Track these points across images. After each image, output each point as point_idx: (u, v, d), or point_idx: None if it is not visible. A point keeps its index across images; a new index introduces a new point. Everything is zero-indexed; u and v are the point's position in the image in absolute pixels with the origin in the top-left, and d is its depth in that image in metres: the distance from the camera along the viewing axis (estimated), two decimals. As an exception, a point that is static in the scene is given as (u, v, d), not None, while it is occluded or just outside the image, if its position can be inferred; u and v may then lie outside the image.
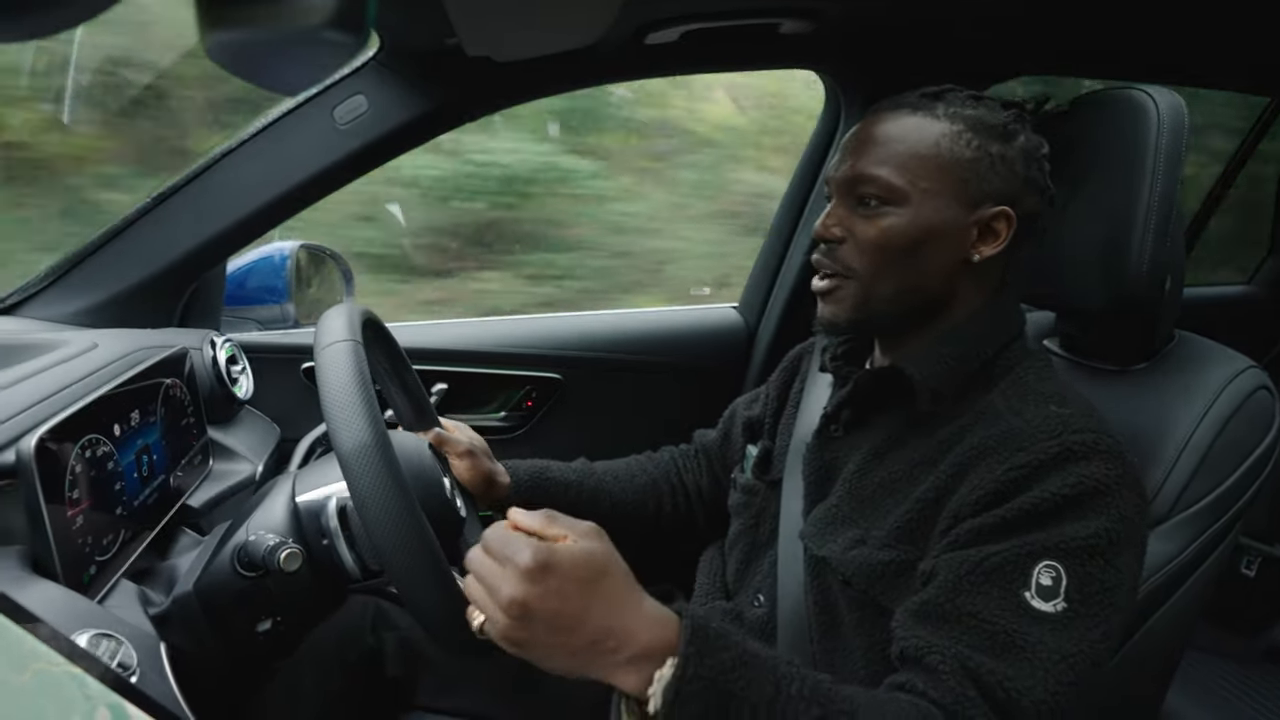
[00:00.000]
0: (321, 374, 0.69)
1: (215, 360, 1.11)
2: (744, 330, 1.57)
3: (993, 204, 0.76)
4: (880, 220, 0.76)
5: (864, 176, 0.77)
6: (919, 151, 0.75)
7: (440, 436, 0.97)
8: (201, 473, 1.01)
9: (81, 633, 0.62)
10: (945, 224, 0.75)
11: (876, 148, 0.77)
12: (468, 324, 1.56)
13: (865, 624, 0.75)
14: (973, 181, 0.75)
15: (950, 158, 0.75)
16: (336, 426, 0.65)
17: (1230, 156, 1.96)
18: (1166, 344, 0.93)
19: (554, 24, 0.96)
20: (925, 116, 0.76)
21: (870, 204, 0.77)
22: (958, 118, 0.76)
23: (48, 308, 1.13)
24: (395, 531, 0.63)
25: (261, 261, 1.36)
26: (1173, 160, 0.81)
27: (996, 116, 0.76)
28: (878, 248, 0.76)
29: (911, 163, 0.75)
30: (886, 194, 0.76)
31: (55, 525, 0.67)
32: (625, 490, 1.08)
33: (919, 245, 0.76)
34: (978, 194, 0.75)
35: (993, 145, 0.75)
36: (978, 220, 0.76)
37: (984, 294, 0.80)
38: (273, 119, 1.13)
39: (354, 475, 0.64)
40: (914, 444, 0.77)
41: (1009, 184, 0.76)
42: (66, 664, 0.34)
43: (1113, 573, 0.65)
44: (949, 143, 0.75)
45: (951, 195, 0.75)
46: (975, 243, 0.76)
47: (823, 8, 1.09)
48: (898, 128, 0.77)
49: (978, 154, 0.75)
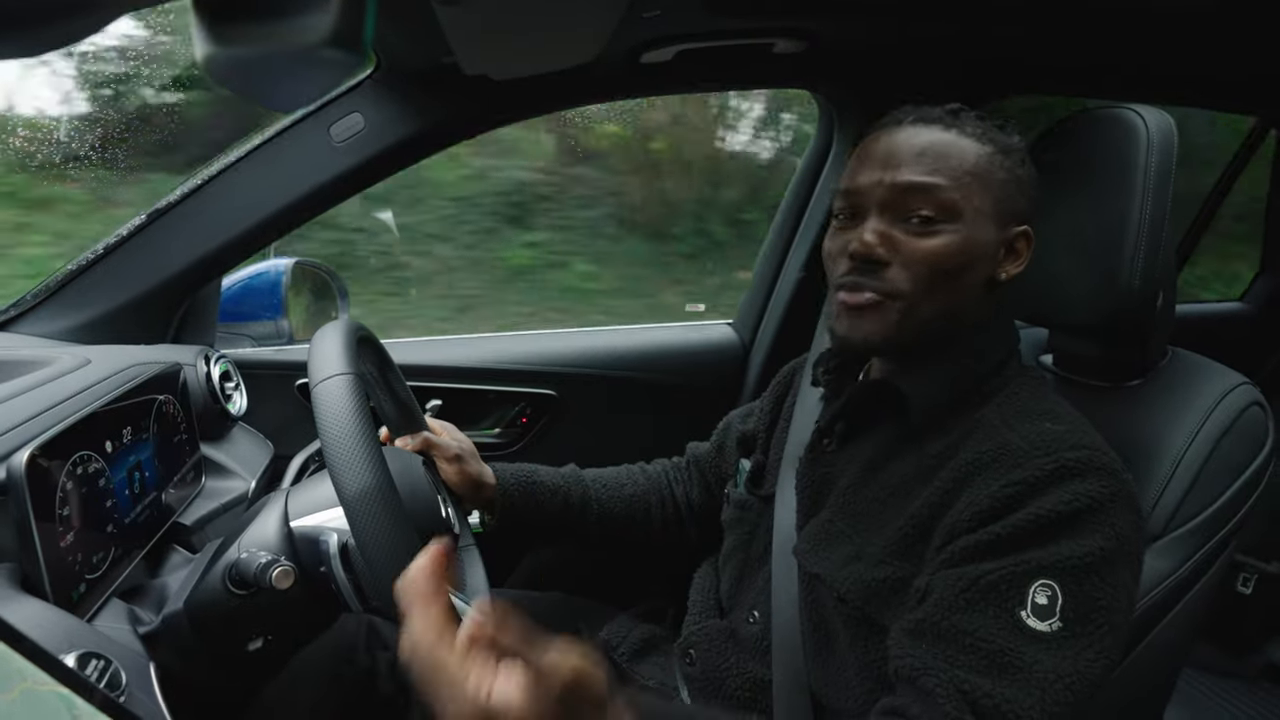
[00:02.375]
0: (320, 411, 0.68)
1: (209, 376, 1.10)
2: (739, 347, 1.57)
3: (1017, 224, 0.77)
4: (933, 238, 0.73)
5: (918, 186, 0.73)
6: (966, 168, 0.74)
7: (428, 440, 0.96)
8: (194, 490, 1.00)
9: (70, 652, 0.61)
10: (985, 244, 0.75)
11: (926, 159, 0.73)
12: (463, 341, 1.56)
13: (860, 641, 0.75)
14: (1004, 202, 0.76)
15: (989, 177, 0.75)
16: (339, 470, 0.64)
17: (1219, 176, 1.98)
18: (1159, 360, 0.93)
19: (549, 43, 0.97)
20: (959, 135, 0.75)
21: (917, 220, 0.73)
22: (987, 139, 0.76)
23: (41, 324, 1.13)
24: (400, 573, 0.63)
25: (256, 278, 1.36)
26: (1163, 178, 0.82)
27: (1013, 140, 0.78)
28: (930, 267, 0.73)
29: (963, 178, 0.74)
30: (940, 209, 0.73)
31: (45, 543, 0.66)
32: (614, 499, 1.08)
33: (966, 264, 0.74)
34: (1006, 214, 0.76)
35: (1018, 168, 0.77)
36: (1005, 240, 0.77)
37: (988, 312, 0.80)
38: (269, 136, 1.13)
39: (358, 520, 0.64)
40: (907, 458, 0.77)
41: (1027, 205, 0.77)
42: (54, 683, 0.34)
43: (1109, 591, 0.65)
44: (985, 162, 0.75)
45: (990, 214, 0.75)
46: (1002, 262, 0.77)
47: (817, 28, 1.10)
48: (940, 141, 0.74)
49: (1008, 175, 0.76)
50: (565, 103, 1.27)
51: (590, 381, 1.47)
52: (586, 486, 1.07)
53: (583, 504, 1.06)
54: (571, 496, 1.05)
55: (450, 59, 1.01)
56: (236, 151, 1.14)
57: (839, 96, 1.35)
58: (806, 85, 1.36)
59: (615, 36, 0.96)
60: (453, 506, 0.92)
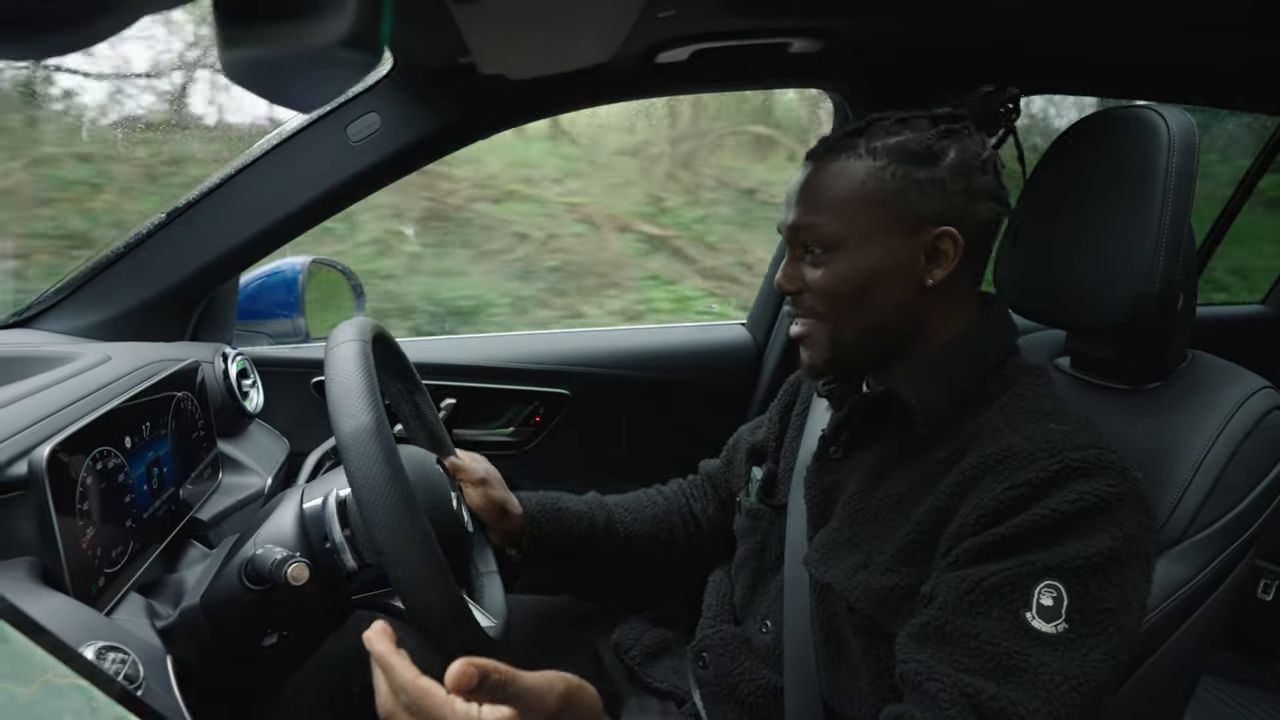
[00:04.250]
0: (329, 369, 0.69)
1: (226, 374, 1.11)
2: (752, 347, 1.57)
3: (933, 227, 0.75)
4: (826, 268, 0.77)
5: (800, 226, 0.78)
6: (846, 195, 0.76)
7: (455, 465, 0.97)
8: (211, 486, 1.02)
9: (89, 645, 0.62)
10: (888, 260, 0.75)
11: (808, 198, 0.78)
12: (476, 339, 1.56)
13: (871, 650, 0.74)
14: (905, 210, 0.75)
15: (878, 194, 0.75)
16: (337, 411, 0.65)
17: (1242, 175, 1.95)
18: (1179, 363, 0.92)
19: (566, 43, 0.97)
20: (849, 157, 0.76)
21: (815, 252, 0.78)
22: (879, 151, 0.75)
23: (62, 321, 1.14)
24: (389, 517, 0.63)
25: (274, 276, 1.37)
26: (1184, 180, 0.81)
27: (920, 140, 0.75)
28: (830, 294, 0.77)
29: (842, 207, 0.76)
30: (825, 242, 0.77)
31: (65, 537, 0.67)
32: (637, 521, 1.08)
33: (868, 285, 0.76)
34: (915, 221, 0.75)
35: (918, 171, 0.75)
36: (921, 246, 0.75)
37: (960, 312, 0.79)
38: (287, 135, 1.14)
39: (351, 459, 0.64)
40: (913, 464, 0.76)
41: (944, 203, 0.75)
42: (73, 676, 0.34)
43: (1115, 591, 0.64)
44: (873, 179, 0.75)
45: (887, 230, 0.75)
46: (926, 268, 0.76)
47: (832, 27, 1.10)
48: (826, 174, 0.78)
49: (903, 183, 0.74)
50: (581, 102, 1.27)
51: (604, 381, 1.47)
52: (610, 511, 1.07)
53: (609, 528, 1.05)
54: (597, 521, 1.04)
55: (466, 59, 1.01)
56: (255, 151, 1.15)
57: (855, 95, 1.34)
58: (822, 84, 1.35)
59: (631, 36, 0.96)
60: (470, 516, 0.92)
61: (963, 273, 0.77)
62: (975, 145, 0.76)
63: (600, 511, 1.06)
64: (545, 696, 0.52)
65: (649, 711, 0.97)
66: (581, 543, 1.03)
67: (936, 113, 0.78)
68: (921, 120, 0.77)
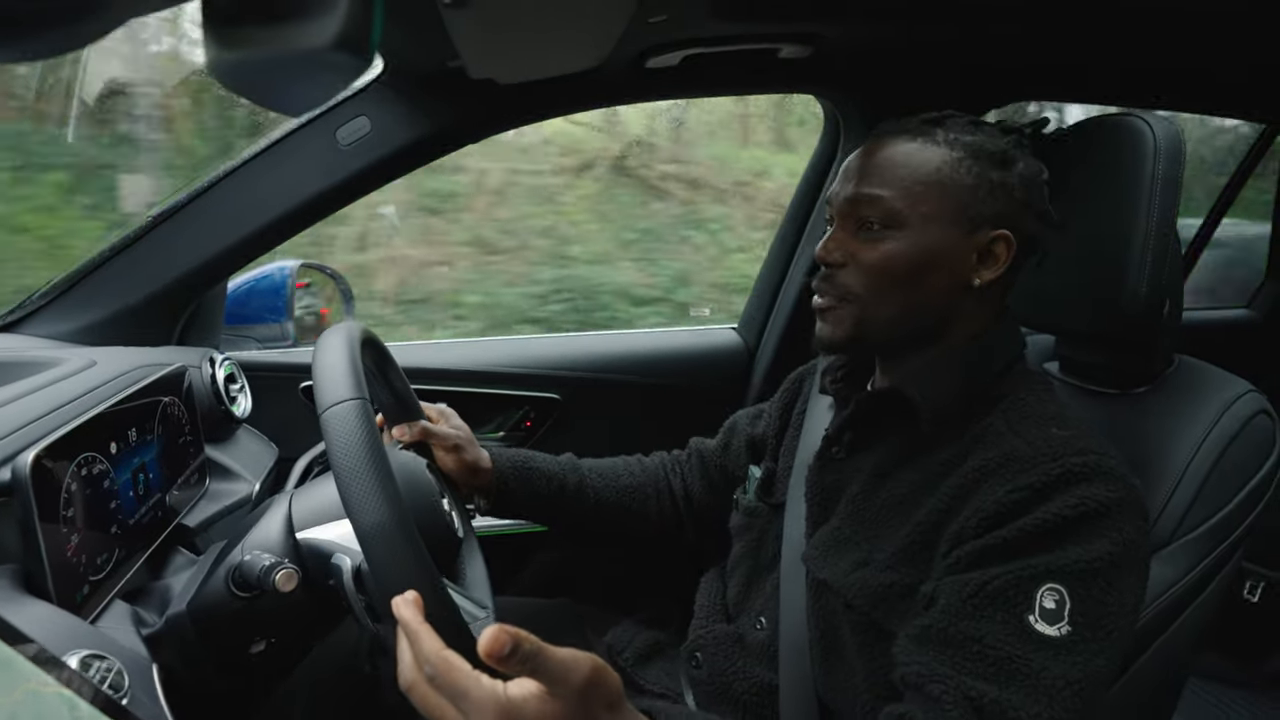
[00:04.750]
0: (331, 440, 0.67)
1: (214, 378, 1.11)
2: (744, 351, 1.57)
3: (991, 228, 0.76)
4: (881, 245, 0.77)
5: (865, 198, 0.77)
6: (919, 177, 0.76)
7: (426, 430, 0.96)
8: (198, 492, 1.01)
9: (73, 653, 0.61)
10: (945, 249, 0.76)
11: (878, 172, 0.78)
12: (467, 344, 1.56)
13: (868, 648, 0.74)
14: (972, 206, 0.76)
15: (950, 183, 0.76)
16: (354, 503, 0.64)
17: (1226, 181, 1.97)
18: (1166, 368, 0.93)
19: (556, 47, 0.97)
20: (926, 142, 0.77)
21: (871, 228, 0.77)
22: (958, 144, 0.76)
23: (47, 325, 1.13)
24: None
25: (262, 280, 1.37)
26: (1170, 186, 0.82)
27: (996, 143, 0.77)
28: (879, 272, 0.77)
29: (914, 187, 0.76)
30: (887, 218, 0.76)
31: (49, 544, 0.66)
32: (610, 488, 1.08)
33: (919, 270, 0.76)
34: (977, 219, 0.76)
35: (992, 171, 0.76)
36: (977, 245, 0.76)
37: (984, 317, 0.80)
38: (276, 139, 1.13)
39: (375, 554, 0.63)
40: (916, 465, 0.77)
41: (1008, 209, 0.76)
42: (57, 685, 0.34)
43: (1116, 595, 0.64)
44: (949, 169, 0.76)
45: (951, 220, 0.76)
46: (975, 267, 0.77)
47: (822, 33, 1.10)
48: (899, 152, 0.78)
49: (977, 180, 0.76)
50: (571, 107, 1.28)
51: (594, 385, 1.47)
52: (583, 475, 1.08)
53: (578, 491, 1.06)
54: (568, 484, 1.05)
55: (456, 63, 1.01)
56: (243, 154, 1.14)
57: (844, 102, 1.35)
58: (812, 90, 1.36)
59: (622, 41, 0.96)
60: (456, 507, 0.92)
61: (1004, 280, 0.79)
62: (1036, 164, 0.79)
63: (572, 474, 1.07)
64: (572, 674, 0.50)
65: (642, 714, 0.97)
66: (550, 502, 1.04)
67: (1004, 124, 0.80)
68: (992, 127, 0.79)
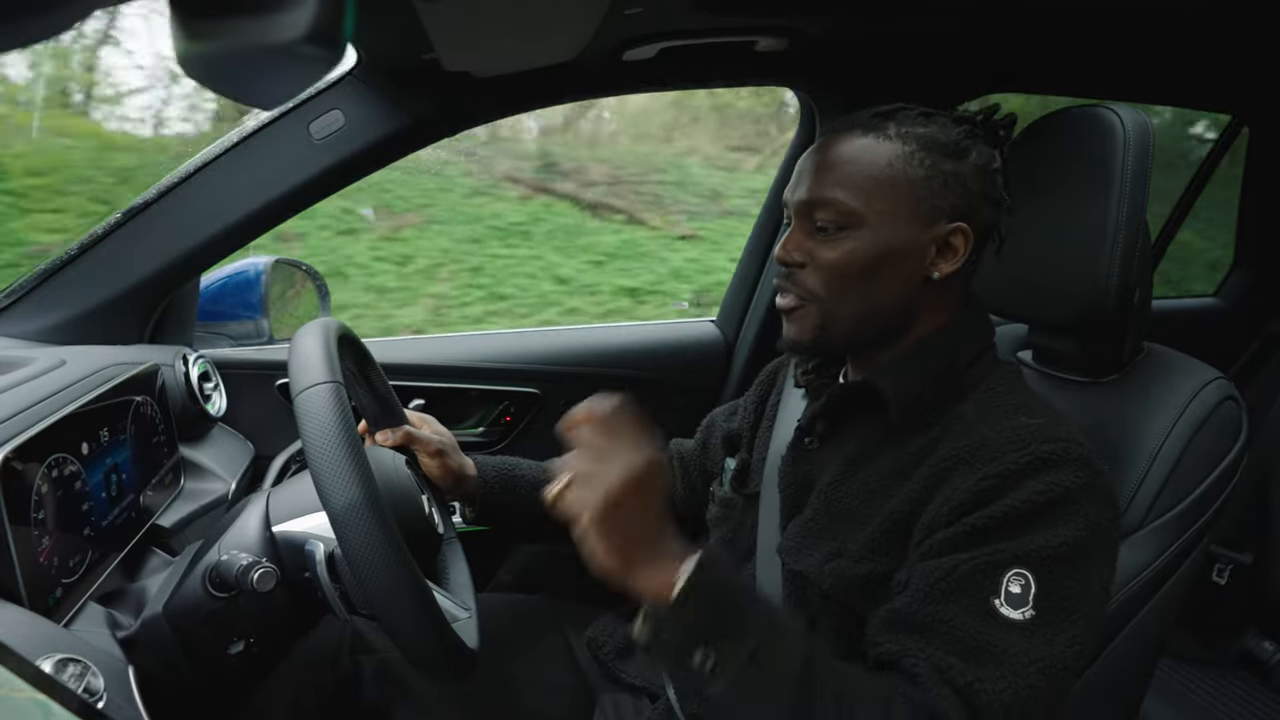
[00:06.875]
0: (303, 421, 0.67)
1: (187, 377, 1.09)
2: (722, 344, 1.57)
3: (948, 221, 0.76)
4: (839, 245, 0.76)
5: (819, 201, 0.77)
6: (872, 174, 0.75)
7: (409, 435, 0.96)
8: (172, 492, 0.99)
9: (46, 657, 0.60)
10: (902, 244, 0.76)
11: (830, 171, 0.77)
12: (446, 339, 1.54)
13: (845, 636, 0.75)
14: (927, 200, 0.75)
15: (904, 178, 0.75)
16: (325, 484, 0.64)
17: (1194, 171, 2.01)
18: (1136, 356, 0.94)
19: (532, 41, 0.97)
20: (877, 137, 0.77)
21: (828, 228, 0.77)
22: (909, 137, 0.76)
23: (14, 324, 1.11)
24: (389, 586, 0.64)
25: (236, 276, 1.35)
26: (1139, 177, 0.83)
27: (948, 134, 0.76)
28: (837, 271, 0.77)
29: (866, 185, 0.75)
30: (843, 218, 0.76)
31: (20, 547, 0.65)
32: None
33: (878, 267, 0.76)
34: (932, 212, 0.76)
35: (945, 163, 0.76)
36: (934, 238, 0.76)
37: (949, 308, 0.80)
38: (248, 133, 1.12)
39: (346, 534, 0.64)
40: (887, 455, 0.78)
41: (963, 200, 0.76)
42: (31, 690, 0.33)
43: (1080, 579, 0.66)
44: (901, 163, 0.75)
45: (906, 215, 0.75)
46: (934, 260, 0.77)
47: (798, 26, 1.10)
48: (850, 150, 0.77)
49: (930, 173, 0.75)
50: (547, 100, 1.27)
51: (574, 379, 1.47)
52: None
53: None
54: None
55: (431, 56, 1.00)
56: (214, 149, 1.12)
57: (821, 94, 1.35)
58: (788, 83, 1.36)
59: (598, 34, 0.96)
60: (436, 505, 0.92)
61: (964, 271, 0.79)
62: (989, 152, 0.78)
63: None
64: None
65: (623, 708, 0.97)
66: (535, 509, 1.04)
67: (957, 114, 0.80)
68: (944, 118, 0.78)
